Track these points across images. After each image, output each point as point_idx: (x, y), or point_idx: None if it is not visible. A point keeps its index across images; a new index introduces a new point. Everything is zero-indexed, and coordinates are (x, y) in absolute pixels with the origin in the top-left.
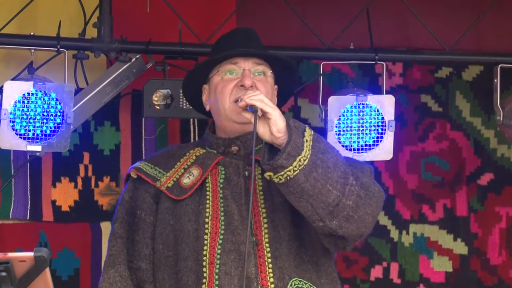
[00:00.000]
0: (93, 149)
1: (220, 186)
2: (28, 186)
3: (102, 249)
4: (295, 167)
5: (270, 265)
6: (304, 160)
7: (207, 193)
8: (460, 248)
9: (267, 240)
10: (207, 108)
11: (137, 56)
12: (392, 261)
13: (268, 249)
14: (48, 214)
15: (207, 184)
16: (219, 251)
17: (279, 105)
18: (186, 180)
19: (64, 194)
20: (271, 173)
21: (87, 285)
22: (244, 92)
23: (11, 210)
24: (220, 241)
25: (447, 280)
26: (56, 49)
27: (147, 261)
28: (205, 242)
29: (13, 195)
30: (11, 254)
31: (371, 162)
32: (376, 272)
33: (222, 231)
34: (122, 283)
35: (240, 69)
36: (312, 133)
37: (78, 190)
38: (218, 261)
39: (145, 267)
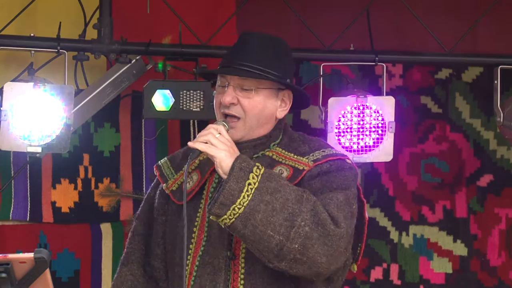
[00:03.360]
0: (93, 150)
1: (209, 195)
2: (28, 188)
3: (102, 250)
4: (230, 215)
5: (242, 281)
6: (239, 209)
7: (202, 200)
8: (460, 249)
9: (243, 255)
10: None
11: (137, 58)
12: (392, 262)
13: (243, 265)
14: (48, 215)
15: (204, 191)
16: (197, 263)
17: (297, 108)
18: (187, 185)
19: (64, 195)
20: (214, 218)
21: (87, 286)
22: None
23: (11, 212)
24: (200, 253)
25: (447, 282)
26: (56, 50)
27: (159, 260)
28: (190, 252)
29: (13, 196)
30: (11, 256)
31: (371, 164)
32: (376, 273)
33: (204, 243)
34: (133, 282)
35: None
36: (262, 172)
37: (78, 191)
38: (195, 273)
39: (158, 266)
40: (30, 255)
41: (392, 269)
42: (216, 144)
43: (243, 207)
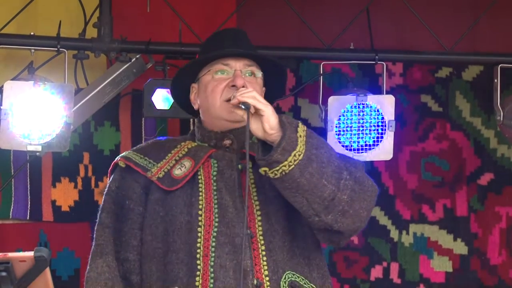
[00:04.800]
0: (93, 149)
1: (213, 178)
2: (28, 186)
3: None
4: (290, 162)
5: (265, 258)
6: (299, 155)
7: (200, 185)
8: (460, 248)
9: (261, 232)
10: (196, 106)
11: (137, 56)
12: (392, 261)
13: (262, 242)
14: (48, 214)
15: (199, 177)
16: (213, 244)
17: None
18: (178, 172)
19: (64, 194)
20: (266, 169)
21: None
22: (237, 90)
23: (11, 210)
24: (215, 234)
25: (447, 280)
26: (56, 49)
27: (134, 252)
28: (199, 234)
29: (13, 195)
30: (11, 254)
31: (371, 162)
32: (376, 272)
33: (216, 224)
34: (110, 274)
35: (231, 69)
36: (305, 128)
37: (78, 190)
38: (213, 254)
39: (132, 258)
40: (30, 254)
41: (392, 268)
42: (262, 100)
43: (302, 154)
